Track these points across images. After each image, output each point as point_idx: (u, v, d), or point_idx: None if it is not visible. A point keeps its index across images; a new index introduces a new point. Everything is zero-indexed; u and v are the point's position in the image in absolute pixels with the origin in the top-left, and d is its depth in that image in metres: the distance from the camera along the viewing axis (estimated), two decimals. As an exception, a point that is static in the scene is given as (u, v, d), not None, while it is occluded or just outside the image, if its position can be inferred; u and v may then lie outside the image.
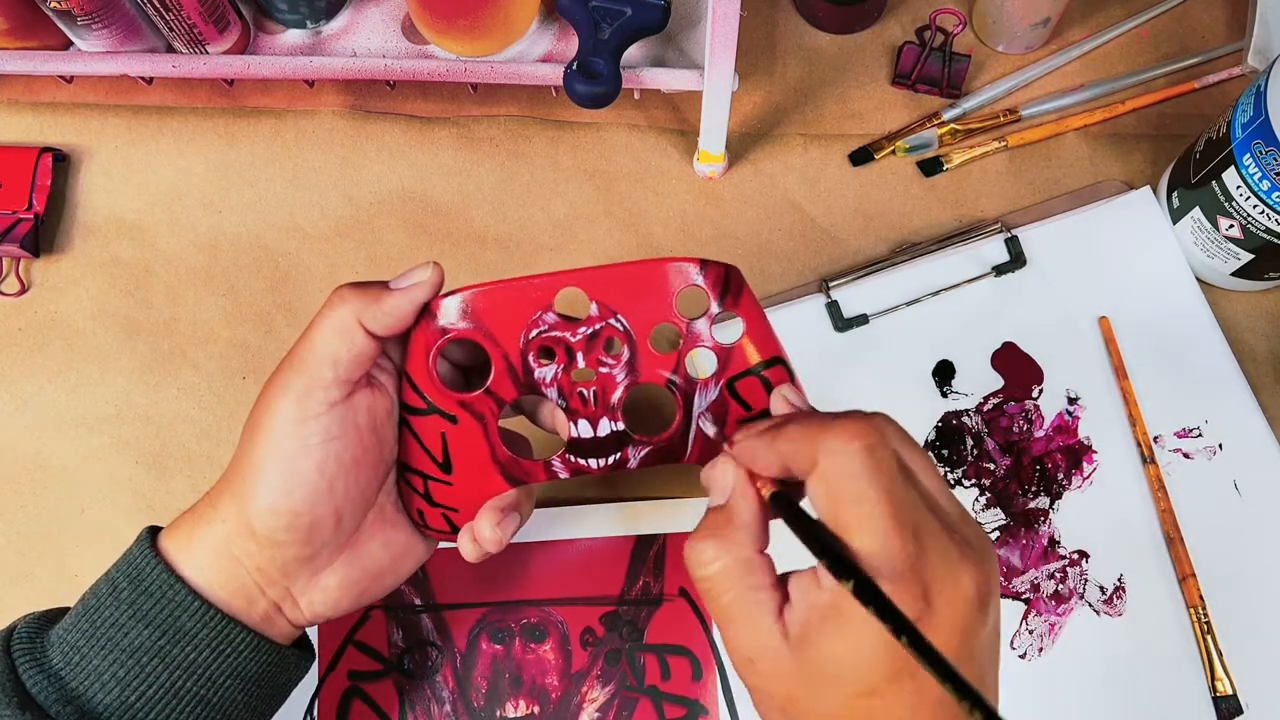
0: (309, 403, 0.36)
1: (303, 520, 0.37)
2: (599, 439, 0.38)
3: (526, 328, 0.36)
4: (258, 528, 0.36)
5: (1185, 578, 0.52)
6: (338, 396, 0.37)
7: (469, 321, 0.37)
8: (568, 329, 0.36)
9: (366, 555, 0.39)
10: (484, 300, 0.36)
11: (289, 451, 0.36)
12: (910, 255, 0.58)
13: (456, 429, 0.38)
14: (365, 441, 0.38)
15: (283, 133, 0.61)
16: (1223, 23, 0.64)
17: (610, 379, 0.37)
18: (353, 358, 0.37)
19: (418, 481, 0.39)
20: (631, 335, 0.37)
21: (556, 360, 0.37)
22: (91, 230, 0.60)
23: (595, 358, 0.37)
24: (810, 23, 0.64)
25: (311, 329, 0.37)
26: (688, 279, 0.36)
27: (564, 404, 0.38)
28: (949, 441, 0.55)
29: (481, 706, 0.51)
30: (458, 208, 0.60)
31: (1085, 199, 0.59)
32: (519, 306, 0.36)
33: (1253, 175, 0.50)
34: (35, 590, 0.54)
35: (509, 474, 0.39)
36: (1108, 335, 0.56)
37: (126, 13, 0.54)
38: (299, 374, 0.37)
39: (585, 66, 0.51)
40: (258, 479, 0.36)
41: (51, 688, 0.35)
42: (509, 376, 0.37)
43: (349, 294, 0.37)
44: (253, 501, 0.36)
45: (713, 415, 0.38)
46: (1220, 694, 0.51)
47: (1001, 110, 0.62)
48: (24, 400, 0.57)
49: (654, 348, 0.37)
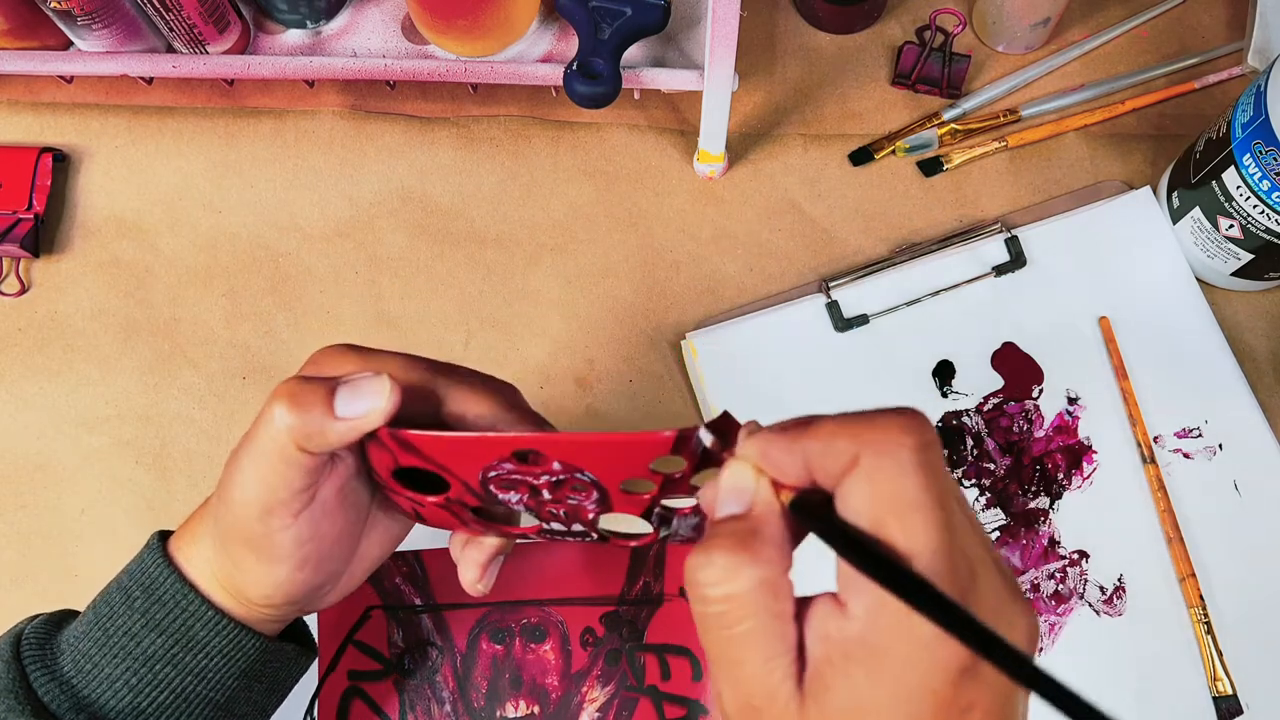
0: (274, 521, 0.34)
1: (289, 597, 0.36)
2: (572, 531, 0.37)
3: (484, 470, 0.33)
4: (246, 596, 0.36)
5: (1185, 578, 0.52)
6: (300, 506, 0.34)
7: (420, 460, 0.34)
8: (528, 472, 0.33)
9: (358, 564, 0.39)
10: (433, 447, 0.33)
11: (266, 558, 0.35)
12: (910, 255, 0.58)
13: (426, 509, 0.37)
14: (338, 518, 0.36)
15: (283, 133, 0.61)
16: (1223, 23, 0.64)
17: (582, 509, 0.35)
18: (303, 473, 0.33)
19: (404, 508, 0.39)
20: (601, 488, 0.33)
21: (519, 491, 0.34)
22: (91, 230, 0.60)
23: (563, 495, 0.34)
24: (810, 23, 0.64)
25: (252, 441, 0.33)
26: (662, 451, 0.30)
27: (534, 517, 0.36)
28: (949, 442, 0.55)
29: (481, 706, 0.51)
30: (458, 208, 0.60)
31: (1085, 199, 0.59)
32: (472, 457, 0.33)
33: (1253, 175, 0.50)
34: (35, 590, 0.54)
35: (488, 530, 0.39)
36: (1108, 335, 0.56)
37: (126, 13, 0.54)
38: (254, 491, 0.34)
39: (585, 66, 0.51)
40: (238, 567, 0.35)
41: (64, 695, 0.36)
42: (470, 495, 0.35)
43: (285, 412, 0.32)
44: (235, 579, 0.36)
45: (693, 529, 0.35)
46: (1220, 694, 0.51)
47: (1001, 110, 0.62)
48: (24, 400, 0.57)
49: (626, 493, 0.33)
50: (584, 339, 0.58)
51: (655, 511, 0.34)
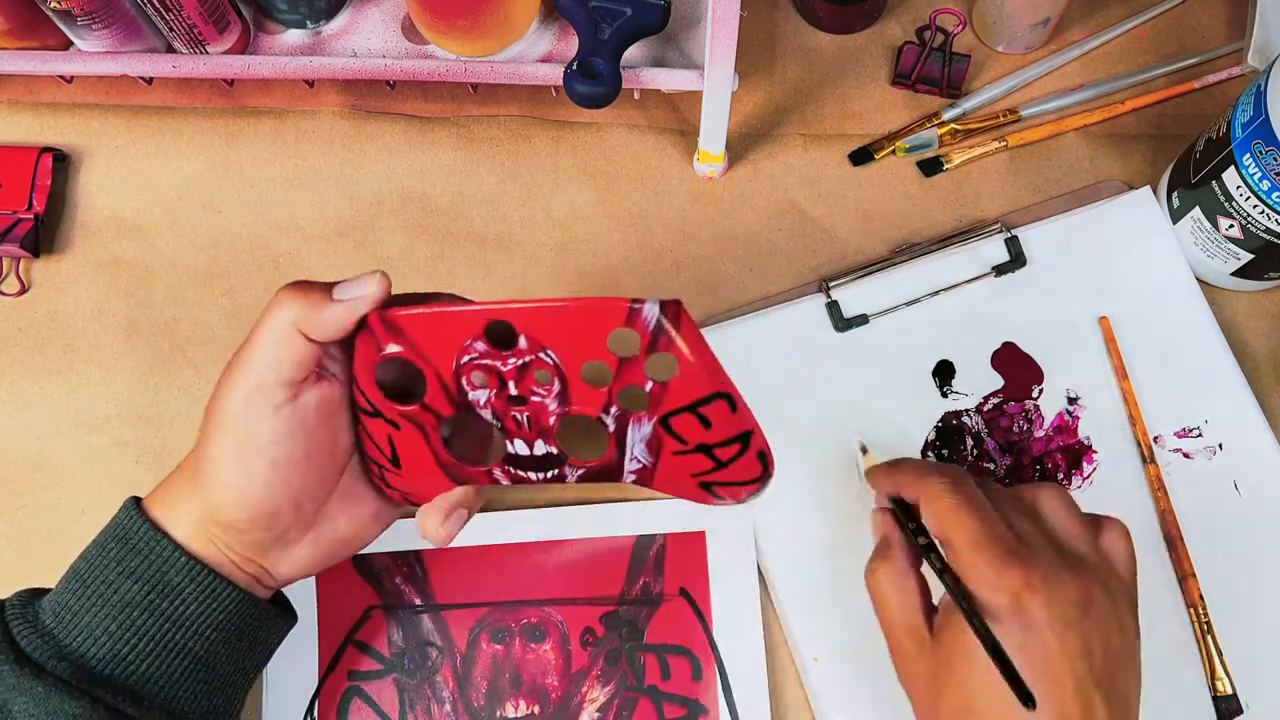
0: (255, 405, 0.37)
1: (260, 511, 0.38)
2: (535, 457, 0.38)
3: (458, 353, 0.36)
4: (219, 518, 0.38)
5: (1185, 577, 0.52)
6: (282, 399, 0.37)
7: (402, 342, 0.37)
8: (498, 358, 0.36)
9: (333, 528, 0.40)
10: (414, 324, 0.36)
11: (242, 451, 0.37)
12: (910, 255, 0.58)
13: (400, 434, 0.38)
14: (317, 435, 0.38)
15: (283, 133, 0.61)
16: (1223, 23, 0.64)
17: (543, 407, 0.37)
18: (293, 362, 0.37)
19: (374, 467, 0.41)
20: (562, 370, 0.36)
21: (488, 386, 0.37)
22: (91, 230, 0.60)
23: (527, 386, 0.36)
24: (810, 23, 0.64)
25: (253, 332, 0.37)
26: (620, 320, 0.34)
27: (499, 425, 0.38)
28: (949, 441, 0.55)
29: (481, 706, 0.51)
30: (458, 208, 0.60)
31: (1085, 199, 0.59)
32: (450, 331, 0.36)
33: (1253, 175, 0.50)
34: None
35: (453, 475, 0.39)
36: (1108, 335, 0.56)
37: (126, 13, 0.54)
38: (243, 376, 0.37)
39: (585, 66, 0.51)
40: (214, 475, 0.37)
41: (45, 645, 0.37)
42: (444, 394, 0.37)
43: (289, 298, 0.37)
44: (211, 496, 0.38)
45: (647, 447, 0.37)
46: (1220, 693, 0.51)
47: (1001, 110, 0.62)
48: (24, 400, 0.57)
49: (586, 382, 0.36)
50: (584, 339, 0.58)
51: (611, 412, 0.36)
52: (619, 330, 0.34)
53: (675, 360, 0.35)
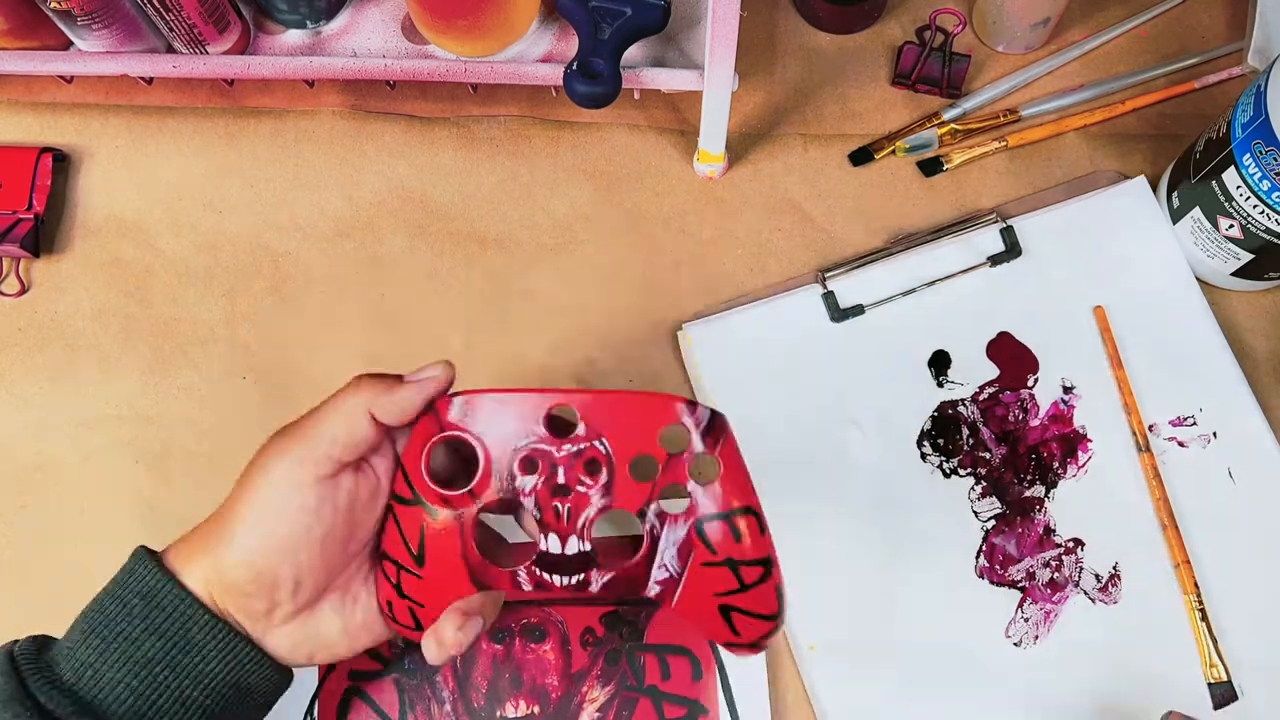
0: (298, 471, 0.38)
1: (266, 577, 0.38)
2: (566, 556, 0.39)
3: (517, 436, 0.38)
4: (228, 576, 0.38)
5: (1180, 565, 0.52)
6: (327, 472, 0.38)
7: (467, 422, 0.38)
8: (555, 444, 0.38)
9: (320, 624, 0.40)
10: (483, 405, 0.38)
11: (268, 513, 0.38)
12: (906, 246, 0.58)
13: (435, 524, 0.39)
14: (339, 520, 0.39)
15: (283, 133, 0.61)
16: (1223, 23, 0.64)
17: (585, 499, 0.38)
18: (352, 440, 0.38)
19: (392, 570, 0.40)
20: (612, 460, 0.38)
21: (539, 472, 0.38)
22: (91, 230, 0.60)
23: (576, 475, 0.38)
24: (810, 23, 0.64)
25: (322, 406, 0.39)
26: (675, 416, 0.37)
27: (538, 515, 0.39)
28: (945, 431, 0.55)
29: (481, 706, 0.51)
30: (458, 208, 0.60)
31: (1080, 189, 0.59)
32: (514, 416, 0.38)
33: (1253, 175, 0.50)
34: (35, 590, 0.54)
35: (476, 577, 0.40)
36: (1103, 324, 0.56)
37: (126, 13, 0.54)
38: (298, 443, 0.38)
39: (585, 66, 0.51)
40: (234, 530, 0.38)
41: (67, 700, 0.36)
42: (493, 480, 0.38)
43: (365, 383, 0.39)
44: (230, 550, 0.38)
45: (678, 554, 0.39)
46: (1215, 680, 0.51)
47: (1001, 110, 0.62)
48: (24, 400, 0.57)
49: (632, 476, 0.38)
50: (584, 339, 0.58)
51: (651, 512, 0.38)
52: (672, 426, 0.38)
53: (718, 464, 0.38)
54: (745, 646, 0.40)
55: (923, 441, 0.55)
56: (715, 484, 0.38)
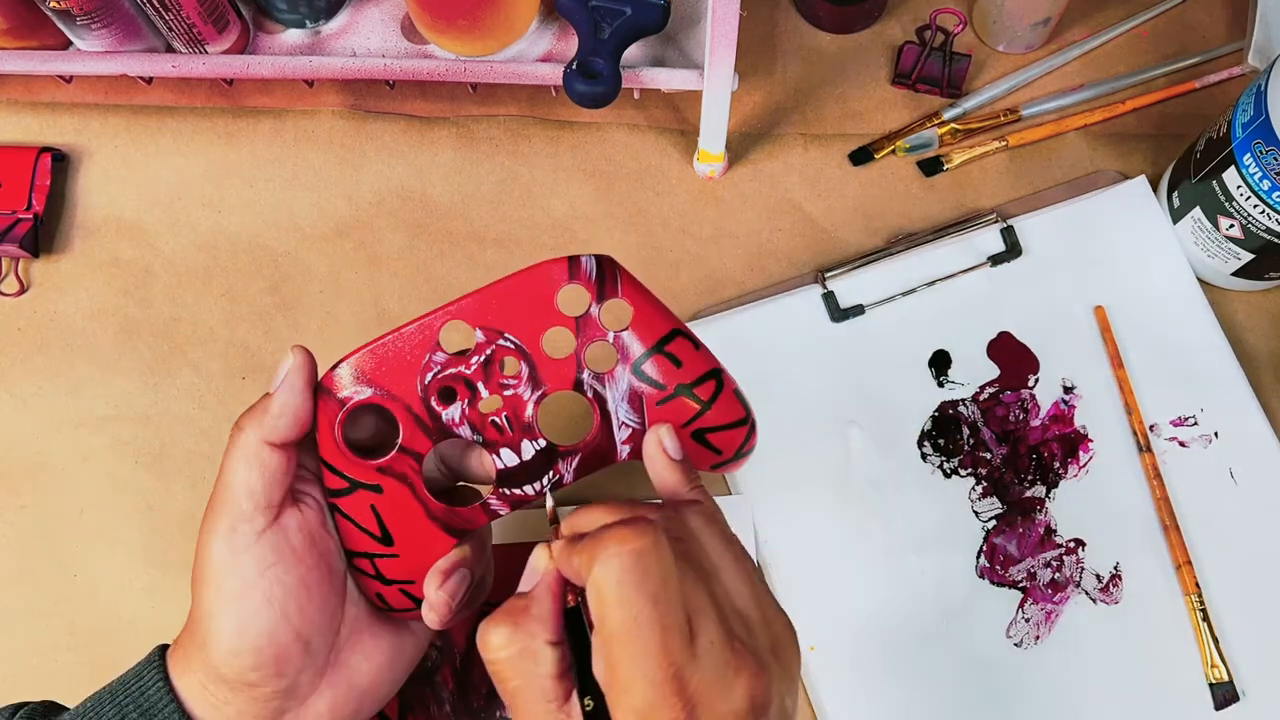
0: (236, 538, 0.36)
1: (266, 655, 0.36)
2: (526, 463, 0.38)
3: (420, 373, 0.36)
4: (225, 674, 0.36)
5: (1181, 565, 0.52)
6: (263, 524, 0.36)
7: (364, 385, 0.36)
8: (460, 363, 0.36)
9: (351, 672, 0.38)
10: (370, 359, 0.36)
11: (232, 590, 0.36)
12: (906, 245, 0.58)
13: (384, 498, 0.37)
14: (306, 560, 0.37)
15: (283, 133, 0.61)
16: (1223, 23, 0.64)
17: (518, 399, 0.37)
18: (267, 482, 0.36)
19: (366, 564, 0.39)
20: (525, 350, 0.36)
21: (460, 397, 0.37)
22: (91, 230, 0.60)
23: (496, 382, 0.37)
24: (810, 22, 0.64)
25: (222, 467, 0.37)
26: (563, 277, 0.36)
27: (480, 438, 0.37)
28: (945, 431, 0.55)
29: (481, 707, 0.51)
30: (458, 208, 0.60)
31: (1081, 188, 0.59)
32: (405, 355, 0.36)
33: (1253, 175, 0.50)
34: (35, 590, 0.54)
35: (449, 527, 0.38)
36: (1103, 324, 0.56)
37: (126, 12, 0.54)
38: (221, 513, 0.36)
39: (585, 66, 0.51)
40: (212, 626, 0.36)
41: None
42: (418, 428, 0.37)
43: (245, 421, 0.37)
44: (214, 650, 0.36)
45: (630, 406, 0.37)
46: (1216, 681, 0.51)
47: (1002, 110, 0.62)
48: (24, 400, 0.57)
49: (551, 354, 0.37)
50: (584, 339, 0.58)
51: (586, 379, 0.37)
52: (565, 288, 0.36)
53: (627, 305, 0.36)
54: (731, 460, 0.39)
55: (923, 441, 0.55)
56: (631, 325, 0.36)
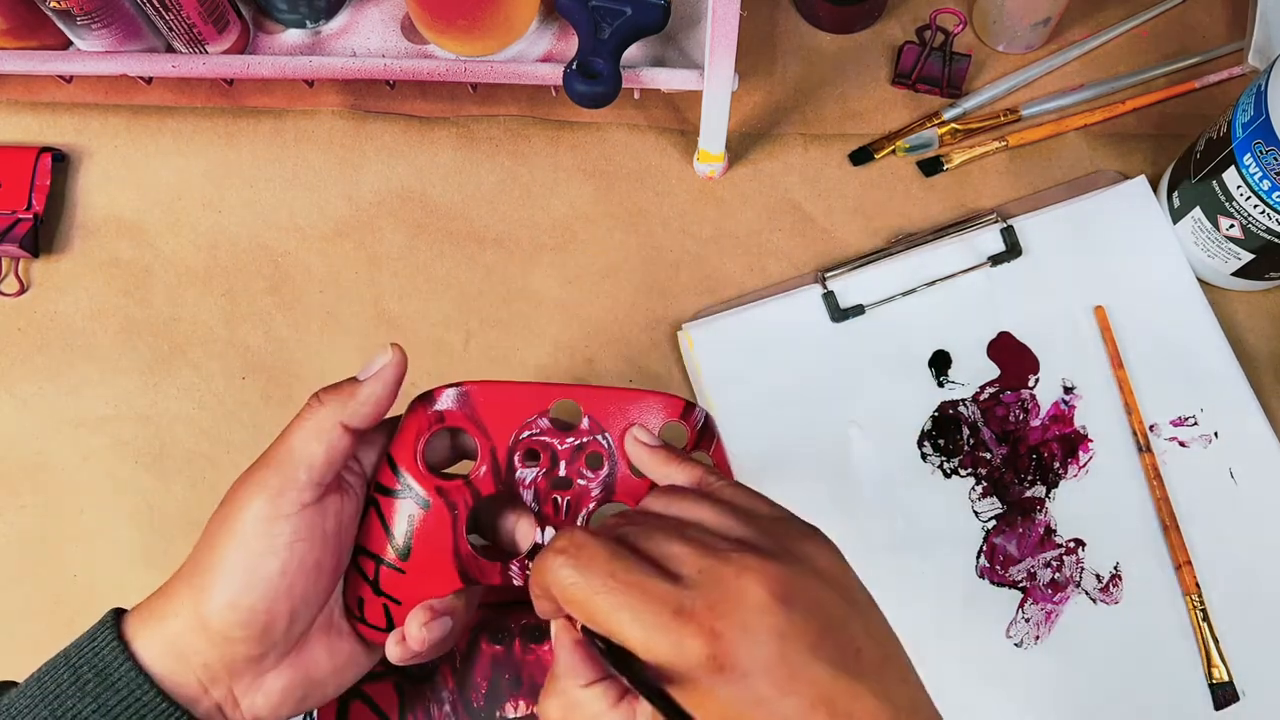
0: (282, 502, 0.36)
1: (259, 618, 0.36)
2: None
3: (519, 428, 0.38)
4: (214, 623, 0.36)
5: (1181, 565, 0.52)
6: (310, 498, 0.37)
7: (465, 412, 0.38)
8: (557, 436, 0.38)
9: (311, 661, 0.39)
10: (483, 394, 0.38)
11: (256, 549, 0.36)
12: (906, 245, 0.58)
13: (427, 515, 0.38)
14: (329, 545, 0.38)
15: (283, 133, 0.61)
16: (1223, 23, 0.64)
17: (586, 491, 0.39)
18: (329, 459, 0.37)
19: (369, 566, 0.39)
20: (614, 455, 0.38)
21: (540, 464, 0.38)
22: (91, 230, 0.60)
23: (577, 469, 0.38)
24: (810, 22, 0.64)
25: (289, 431, 0.37)
26: (676, 414, 0.39)
27: (537, 507, 0.39)
28: (945, 431, 0.55)
29: (481, 706, 0.51)
30: (458, 208, 0.60)
31: (1081, 188, 0.59)
32: (516, 406, 0.38)
33: (1253, 175, 0.50)
34: (35, 590, 0.54)
35: (465, 571, 0.39)
36: (1103, 324, 0.56)
37: (126, 12, 0.54)
38: (275, 473, 0.37)
39: (585, 66, 0.51)
40: (220, 573, 0.36)
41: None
42: (492, 471, 0.38)
43: (326, 397, 0.37)
44: (212, 596, 0.36)
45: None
46: (1216, 681, 0.51)
47: (1002, 110, 0.62)
48: (24, 400, 0.57)
49: (631, 471, 0.38)
50: (584, 339, 0.58)
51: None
52: (671, 424, 0.39)
53: (710, 462, 0.39)
54: None
55: (923, 441, 0.55)
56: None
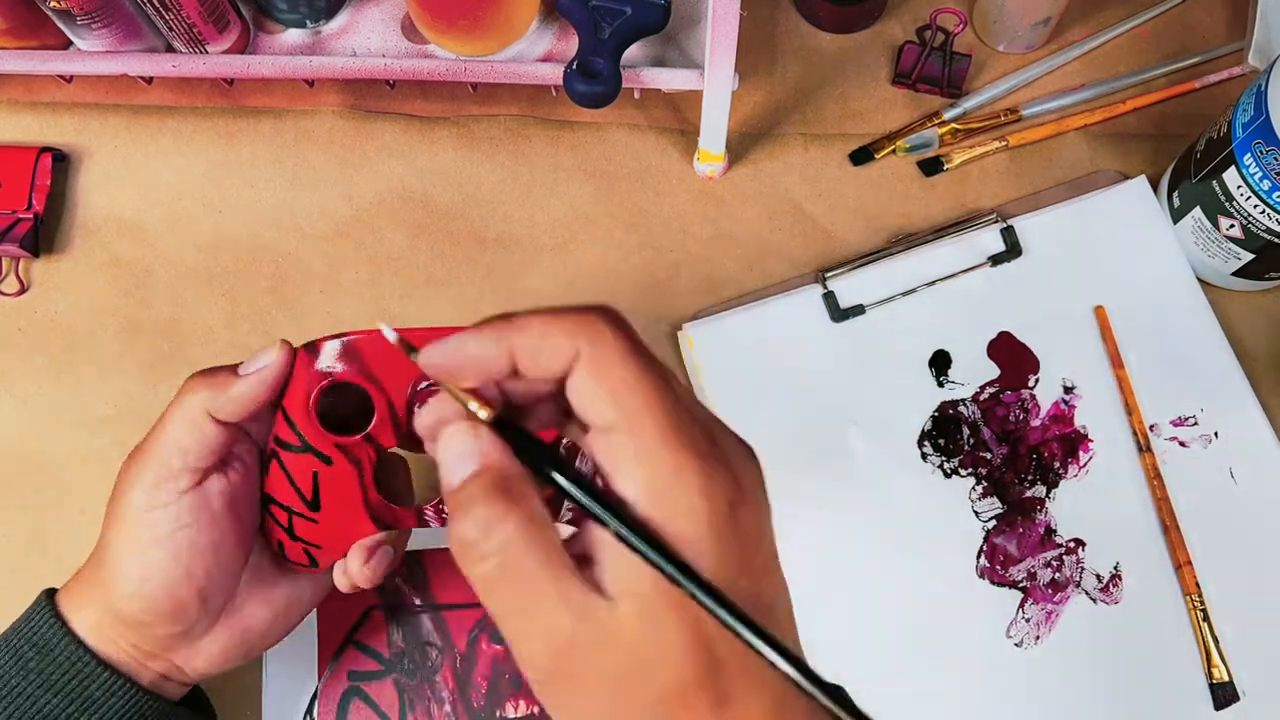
0: (157, 493, 0.36)
1: (162, 605, 0.36)
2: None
3: (416, 379, 0.36)
4: (122, 611, 0.37)
5: (1181, 565, 0.52)
6: (186, 485, 0.37)
7: (353, 365, 0.36)
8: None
9: (247, 616, 0.39)
10: (370, 346, 0.36)
11: (141, 540, 0.36)
12: (906, 245, 0.58)
13: (330, 470, 0.37)
14: (222, 525, 0.37)
15: (283, 133, 0.61)
16: (1223, 22, 0.64)
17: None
18: (201, 448, 0.37)
19: (281, 515, 0.39)
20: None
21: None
22: (91, 230, 0.60)
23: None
24: (810, 22, 0.64)
25: (162, 419, 0.37)
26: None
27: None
28: (945, 431, 0.55)
29: (481, 707, 0.51)
30: (458, 208, 0.60)
31: (1081, 188, 0.59)
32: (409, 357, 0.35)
33: (1253, 175, 0.50)
34: (35, 590, 0.54)
35: (379, 518, 0.38)
36: (1103, 324, 0.56)
37: (126, 12, 0.54)
38: (147, 465, 0.37)
39: (585, 66, 0.51)
40: (115, 568, 0.37)
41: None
42: (391, 424, 0.37)
43: (198, 384, 0.37)
44: (113, 588, 0.37)
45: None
46: (1216, 681, 0.51)
47: (1002, 110, 0.62)
48: (24, 400, 0.57)
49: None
50: (584, 339, 0.58)
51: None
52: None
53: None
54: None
55: (923, 441, 0.55)
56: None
